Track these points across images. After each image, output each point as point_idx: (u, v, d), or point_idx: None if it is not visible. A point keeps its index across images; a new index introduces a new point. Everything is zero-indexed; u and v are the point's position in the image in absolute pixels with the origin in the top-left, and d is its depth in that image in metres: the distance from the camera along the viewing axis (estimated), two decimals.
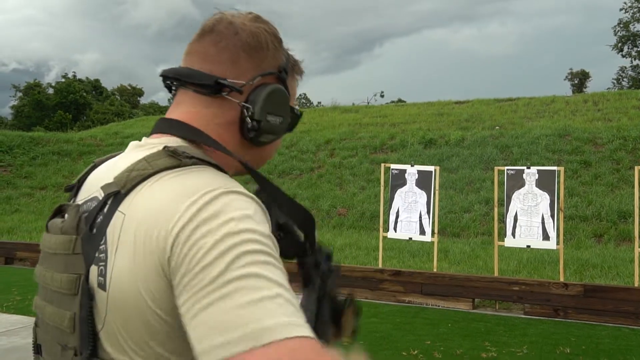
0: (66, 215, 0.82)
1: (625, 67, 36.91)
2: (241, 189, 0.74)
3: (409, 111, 19.06)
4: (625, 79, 36.73)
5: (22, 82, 51.65)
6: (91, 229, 0.75)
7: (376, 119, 18.31)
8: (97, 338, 0.73)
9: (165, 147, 0.79)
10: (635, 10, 34.89)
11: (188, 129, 0.85)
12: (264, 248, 0.68)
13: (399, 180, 7.46)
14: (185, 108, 0.88)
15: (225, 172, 0.80)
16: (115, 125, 24.54)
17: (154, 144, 0.84)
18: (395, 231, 7.39)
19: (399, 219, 7.36)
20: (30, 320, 5.64)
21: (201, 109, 0.87)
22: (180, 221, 0.68)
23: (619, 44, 35.42)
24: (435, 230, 7.29)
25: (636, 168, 6.73)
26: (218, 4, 0.93)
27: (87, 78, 56.85)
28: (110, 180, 0.79)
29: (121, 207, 0.74)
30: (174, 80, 0.90)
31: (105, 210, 0.75)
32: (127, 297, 0.70)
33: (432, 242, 7.39)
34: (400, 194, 7.41)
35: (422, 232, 7.26)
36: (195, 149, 0.81)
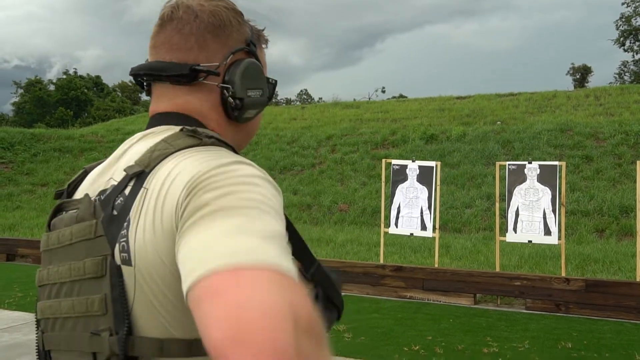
0: (76, 209, 0.81)
1: (627, 62, 36.84)
2: (258, 167, 0.75)
3: (411, 107, 19.03)
4: (627, 74, 36.65)
5: (24, 79, 51.59)
6: (112, 211, 0.74)
7: (377, 115, 18.28)
8: (130, 315, 0.72)
9: (183, 128, 0.80)
10: (637, 4, 34.75)
11: (189, 119, 0.85)
12: (268, 201, 0.68)
13: (400, 175, 7.45)
14: (171, 100, 0.87)
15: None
16: (117, 121, 24.55)
17: (160, 130, 0.84)
18: (397, 227, 7.38)
19: (400, 215, 7.35)
20: (32, 316, 5.65)
21: (186, 97, 0.86)
22: (194, 180, 0.69)
23: (621, 39, 35.29)
24: (437, 226, 7.29)
25: (638, 163, 6.70)
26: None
27: (88, 74, 56.86)
28: (119, 169, 0.80)
29: (144, 184, 0.74)
30: (146, 76, 0.88)
31: (128, 191, 0.75)
32: (152, 266, 0.70)
33: (434, 238, 7.38)
34: (401, 189, 7.40)
35: (424, 227, 7.26)
36: (211, 131, 0.82)
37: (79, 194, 0.87)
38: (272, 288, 0.55)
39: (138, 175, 0.75)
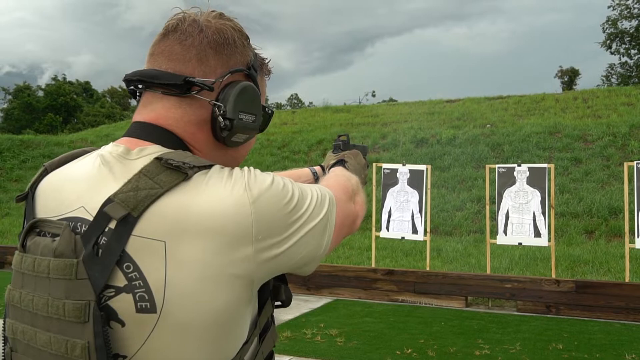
0: (56, 237, 0.76)
1: (614, 64, 37.11)
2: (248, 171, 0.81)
3: (401, 110, 19.09)
4: (614, 76, 36.96)
5: (15, 85, 51.13)
6: (95, 252, 0.72)
7: (368, 119, 18.33)
8: None
9: (158, 159, 0.77)
10: (622, 7, 35.12)
11: (168, 135, 0.83)
12: (295, 190, 0.82)
13: (390, 179, 7.48)
14: (154, 108, 0.85)
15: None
16: (106, 127, 24.43)
17: (143, 155, 0.80)
18: (388, 230, 7.40)
19: (391, 218, 7.38)
20: None
21: (170, 107, 0.85)
22: (242, 210, 0.75)
23: (608, 41, 35.61)
24: (428, 229, 7.31)
25: (625, 164, 6.78)
26: (212, 6, 0.92)
27: (77, 80, 56.51)
28: (101, 196, 0.76)
29: (140, 232, 0.72)
30: (139, 82, 0.86)
31: (112, 233, 0.73)
32: (195, 312, 0.73)
33: (425, 241, 7.41)
34: (392, 193, 7.42)
35: (415, 231, 7.28)
36: (185, 153, 0.79)
37: (43, 206, 0.84)
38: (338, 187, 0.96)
39: (123, 219, 0.73)
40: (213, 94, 0.85)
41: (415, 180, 7.37)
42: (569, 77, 38.50)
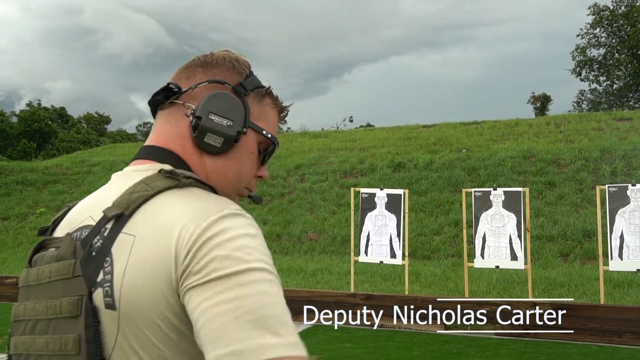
0: (57, 247, 0.82)
1: (584, 91, 38.20)
2: (243, 211, 0.79)
3: (378, 135, 19.29)
4: (584, 102, 37.99)
5: None
6: (90, 252, 0.77)
7: (346, 144, 18.46)
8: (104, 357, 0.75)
9: (161, 170, 0.82)
10: (591, 36, 36.30)
11: (169, 154, 0.88)
12: (268, 267, 0.74)
13: (368, 204, 7.51)
14: (155, 129, 0.92)
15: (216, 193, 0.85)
16: (82, 153, 24.13)
17: (141, 170, 0.86)
18: (367, 255, 7.41)
19: (369, 243, 7.39)
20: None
21: (163, 125, 0.91)
22: (192, 237, 0.73)
23: (577, 68, 36.68)
24: (406, 253, 7.34)
25: (597, 188, 6.93)
26: (191, 34, 0.98)
27: (52, 106, 55.94)
28: (104, 206, 0.81)
29: (126, 229, 0.76)
30: (152, 105, 0.95)
31: (107, 232, 0.77)
32: (138, 311, 0.73)
33: (403, 265, 7.42)
34: (370, 217, 7.45)
35: (393, 255, 7.30)
36: (190, 173, 0.85)
37: (59, 231, 0.89)
38: None
39: (117, 218, 0.77)
40: (188, 98, 0.90)
41: (393, 205, 7.42)
42: (541, 102, 39.40)
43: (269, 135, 0.95)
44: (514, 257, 6.78)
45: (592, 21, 35.94)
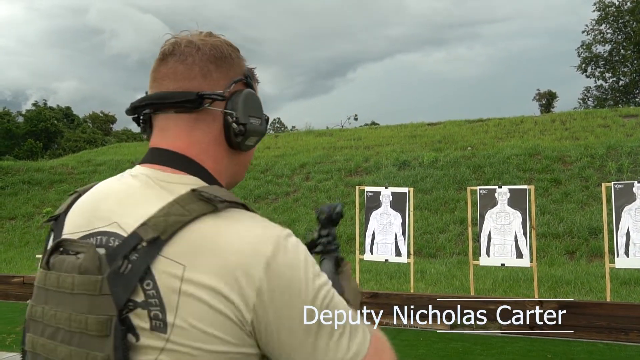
0: (80, 254, 0.80)
1: (590, 87, 37.99)
2: (289, 231, 0.87)
3: (383, 134, 19.26)
4: (590, 99, 37.81)
5: None
6: (118, 269, 0.75)
7: (350, 142, 18.45)
8: None
9: (194, 191, 0.81)
10: (596, 32, 36.12)
11: (190, 165, 0.87)
12: (330, 289, 0.84)
13: (373, 202, 7.51)
14: (175, 135, 0.89)
15: (253, 211, 0.85)
16: (87, 152, 24.23)
17: (169, 182, 0.84)
18: (372, 253, 7.41)
19: (374, 241, 7.39)
20: (5, 355, 5.46)
21: (190, 131, 0.88)
22: (259, 270, 0.77)
23: (583, 65, 36.51)
24: (411, 252, 7.34)
25: (603, 185, 6.91)
26: (196, 31, 0.96)
27: (57, 106, 56.15)
28: (127, 214, 0.81)
29: (167, 254, 0.76)
30: (147, 107, 0.90)
31: (141, 252, 0.76)
32: (194, 336, 0.74)
33: (409, 263, 7.42)
34: (375, 216, 7.45)
35: (398, 253, 7.30)
36: (219, 189, 0.83)
37: (71, 223, 0.88)
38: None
39: (152, 240, 0.76)
40: (222, 105, 0.89)
41: (398, 203, 7.42)
42: (547, 99, 39.24)
43: (266, 117, 0.98)
44: (519, 254, 6.77)
45: (598, 17, 35.76)
